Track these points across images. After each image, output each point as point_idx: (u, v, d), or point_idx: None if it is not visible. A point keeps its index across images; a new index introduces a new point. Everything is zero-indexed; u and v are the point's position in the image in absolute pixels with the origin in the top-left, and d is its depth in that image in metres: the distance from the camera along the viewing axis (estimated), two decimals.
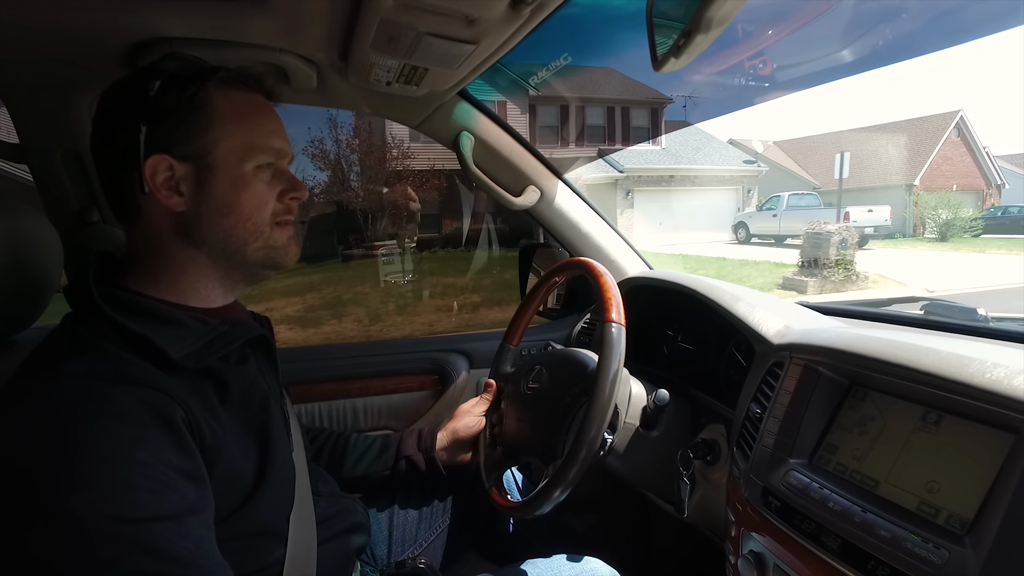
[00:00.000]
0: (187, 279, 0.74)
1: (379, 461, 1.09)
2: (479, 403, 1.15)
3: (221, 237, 0.73)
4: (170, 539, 0.55)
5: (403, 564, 0.98)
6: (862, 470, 0.69)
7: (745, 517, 0.80)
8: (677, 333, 1.30)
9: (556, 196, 1.51)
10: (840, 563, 0.64)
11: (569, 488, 0.85)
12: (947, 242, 17.39)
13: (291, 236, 0.80)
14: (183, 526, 0.57)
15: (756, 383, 0.89)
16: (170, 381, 0.63)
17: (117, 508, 0.54)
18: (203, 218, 0.72)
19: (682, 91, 19.51)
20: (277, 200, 0.77)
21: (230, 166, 0.72)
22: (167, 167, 0.70)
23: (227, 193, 0.73)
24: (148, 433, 0.58)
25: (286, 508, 0.76)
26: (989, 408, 0.59)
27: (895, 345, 0.70)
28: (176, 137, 0.70)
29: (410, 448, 1.10)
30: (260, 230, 0.75)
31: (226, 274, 0.77)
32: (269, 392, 0.78)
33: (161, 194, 0.70)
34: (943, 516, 0.59)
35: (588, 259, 1.03)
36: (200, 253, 0.74)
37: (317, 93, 1.23)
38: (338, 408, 1.49)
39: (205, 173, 0.71)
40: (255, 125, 0.75)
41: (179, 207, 0.71)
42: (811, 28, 14.45)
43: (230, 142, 0.72)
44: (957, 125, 23.43)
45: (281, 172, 0.78)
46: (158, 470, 0.57)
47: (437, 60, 1.01)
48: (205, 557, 0.58)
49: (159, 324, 0.67)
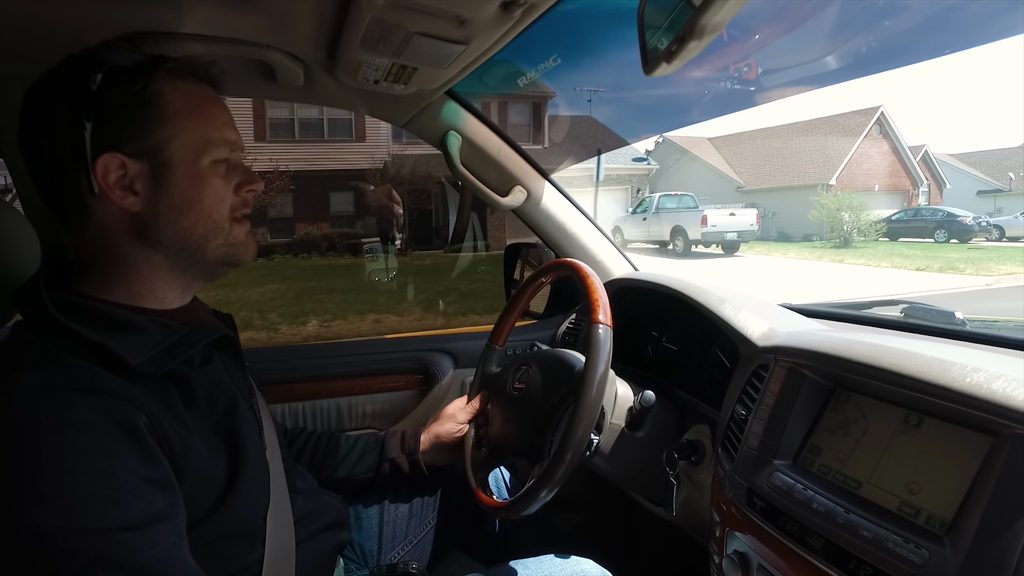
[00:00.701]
0: (142, 281, 0.72)
1: (362, 463, 1.08)
2: (464, 409, 1.13)
3: (180, 237, 0.71)
4: (137, 549, 0.54)
5: (394, 568, 0.98)
6: (845, 471, 0.70)
7: (730, 517, 0.81)
8: (662, 334, 1.31)
9: (543, 197, 1.51)
10: (823, 563, 0.65)
11: (556, 488, 0.85)
12: (848, 248, 16.92)
13: (249, 231, 0.78)
14: (151, 535, 0.55)
15: (741, 385, 0.90)
16: (131, 388, 0.61)
17: (80, 520, 0.52)
18: (161, 218, 0.70)
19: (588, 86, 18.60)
20: (234, 194, 0.75)
21: (187, 162, 0.70)
22: (119, 166, 0.67)
23: (186, 191, 0.70)
24: (110, 442, 0.57)
25: (262, 508, 0.75)
26: (968, 411, 0.60)
27: (878, 349, 0.72)
28: (127, 134, 0.67)
29: (393, 450, 1.09)
30: (220, 227, 0.73)
31: (183, 274, 0.75)
32: (237, 392, 0.77)
33: (115, 194, 0.67)
34: (923, 517, 0.61)
35: (575, 260, 1.03)
36: (156, 254, 0.71)
37: (304, 90, 1.22)
38: (322, 408, 1.47)
39: (162, 171, 0.69)
40: (208, 118, 0.73)
41: (135, 207, 0.68)
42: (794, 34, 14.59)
43: (185, 137, 0.70)
44: (878, 121, 22.90)
45: (236, 165, 0.76)
46: (122, 479, 0.56)
47: (426, 60, 1.00)
48: (175, 566, 0.56)
49: (116, 330, 0.65)
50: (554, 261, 1.14)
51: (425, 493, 1.14)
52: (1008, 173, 24.86)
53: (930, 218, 18.77)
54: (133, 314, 0.68)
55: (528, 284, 1.15)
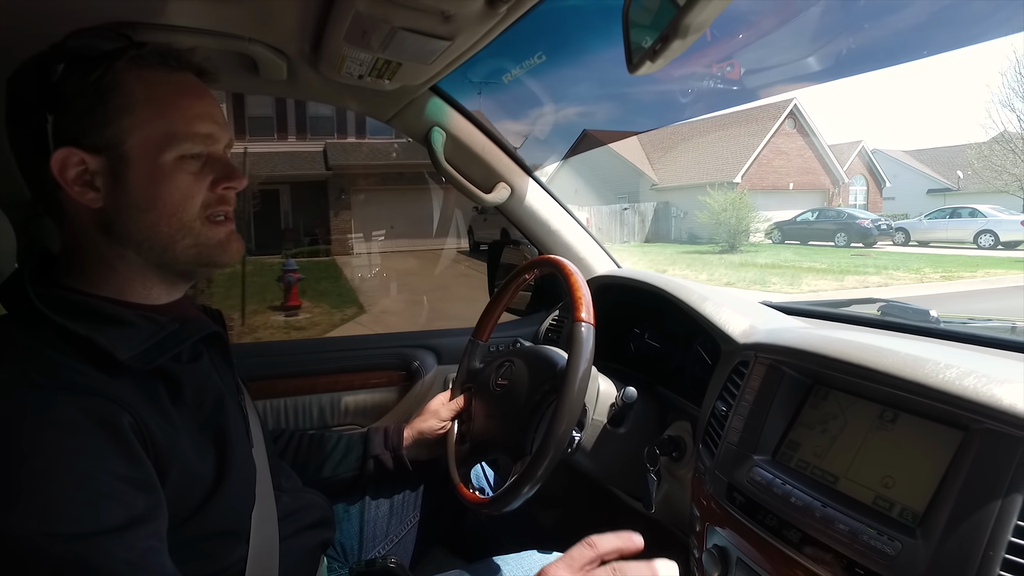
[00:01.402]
0: (120, 277, 0.70)
1: (346, 461, 1.08)
2: (446, 406, 1.13)
3: (146, 235, 0.68)
4: (111, 553, 0.52)
5: (373, 563, 0.98)
6: (822, 466, 0.72)
7: (710, 512, 0.82)
8: (644, 331, 1.32)
9: (527, 194, 1.51)
10: (800, 556, 0.66)
11: (537, 485, 0.85)
12: (734, 252, 16.49)
13: (231, 231, 0.74)
14: (128, 538, 0.54)
15: (722, 381, 0.91)
16: (116, 385, 0.60)
17: (52, 524, 0.51)
18: (123, 214, 0.67)
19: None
20: (209, 190, 0.71)
21: (147, 157, 0.66)
22: (78, 161, 0.65)
23: (146, 187, 0.67)
24: (90, 442, 0.55)
25: (247, 507, 0.74)
26: (941, 407, 0.62)
27: (856, 346, 0.73)
28: (85, 127, 0.65)
29: (377, 447, 1.08)
30: (188, 226, 0.70)
31: (161, 272, 0.72)
32: (224, 389, 0.75)
33: (73, 190, 0.65)
34: (897, 510, 0.62)
35: (559, 257, 1.03)
36: (127, 251, 0.69)
37: (287, 85, 1.21)
38: (304, 404, 1.46)
39: (120, 166, 0.66)
40: (175, 110, 0.68)
41: (96, 203, 0.66)
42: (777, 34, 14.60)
43: (145, 130, 0.66)
44: (792, 115, 21.94)
45: (214, 160, 0.72)
46: (101, 481, 0.54)
47: (411, 55, 1.00)
48: (151, 570, 0.55)
49: (104, 325, 0.63)
50: (538, 258, 1.14)
51: (408, 488, 1.14)
52: (957, 171, 24.33)
53: (832, 220, 18.21)
54: (121, 309, 0.67)
55: (512, 280, 1.16)
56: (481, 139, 1.43)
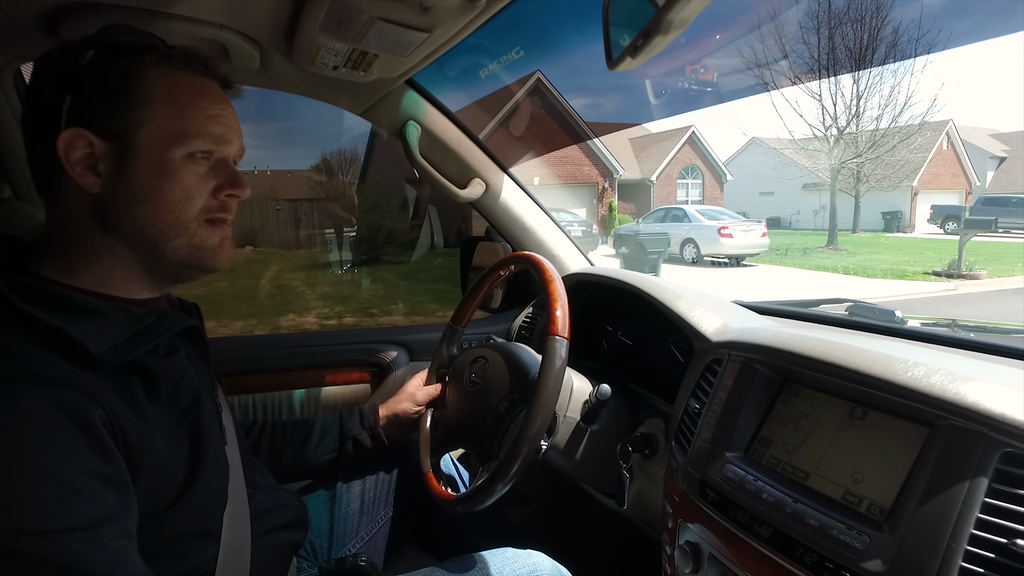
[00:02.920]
0: (104, 268, 0.68)
1: (323, 444, 1.06)
2: (423, 390, 1.13)
3: (138, 227, 0.67)
4: (83, 552, 0.51)
5: (343, 561, 0.96)
6: (793, 462, 0.73)
7: (682, 509, 0.83)
8: (617, 329, 1.33)
9: (501, 190, 1.51)
10: (771, 551, 0.67)
11: (503, 490, 0.85)
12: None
13: (225, 237, 0.73)
14: (99, 536, 0.52)
15: (695, 379, 0.92)
16: (89, 378, 0.58)
17: (20, 521, 0.49)
18: (118, 203, 0.66)
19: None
20: (211, 196, 0.70)
21: (155, 150, 0.66)
22: (86, 143, 0.64)
23: (147, 179, 0.66)
24: (60, 436, 0.53)
25: (220, 506, 0.72)
26: (908, 404, 0.63)
27: (827, 344, 0.74)
28: (101, 113, 0.65)
29: (354, 427, 1.07)
30: (184, 225, 0.69)
31: (148, 268, 0.70)
32: (201, 385, 0.74)
33: (75, 171, 0.64)
34: (865, 505, 0.64)
35: (543, 261, 1.01)
36: (117, 242, 0.68)
37: (259, 74, 1.18)
38: (273, 400, 1.44)
39: (126, 155, 0.66)
40: (192, 109, 0.69)
41: (94, 188, 0.65)
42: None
43: (159, 124, 0.66)
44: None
45: (221, 165, 0.71)
46: (71, 476, 0.52)
47: (388, 47, 0.99)
48: (123, 569, 0.53)
49: (77, 316, 0.61)
50: (523, 254, 1.11)
51: (383, 469, 1.13)
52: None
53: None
54: (96, 300, 0.65)
55: (492, 271, 1.15)
56: (456, 134, 1.42)
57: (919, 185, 21.38)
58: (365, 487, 1.12)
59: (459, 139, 1.42)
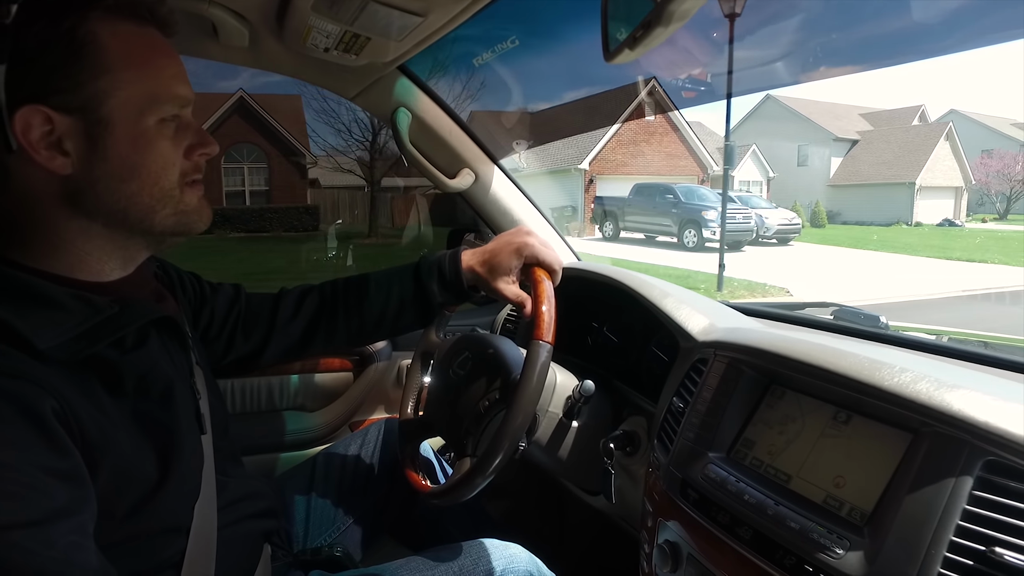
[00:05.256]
0: (75, 252, 0.64)
1: (402, 285, 1.00)
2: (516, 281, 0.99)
3: (123, 205, 0.63)
4: (32, 549, 0.48)
5: (319, 551, 0.95)
6: (776, 464, 0.72)
7: (663, 508, 0.83)
8: (602, 325, 1.32)
9: (491, 181, 1.49)
10: (751, 553, 0.67)
11: (479, 487, 0.84)
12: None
13: (202, 197, 0.71)
14: (49, 533, 0.49)
15: (680, 378, 0.92)
16: (41, 368, 0.54)
17: None
18: (98, 184, 0.62)
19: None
20: (184, 157, 0.67)
21: (129, 121, 0.61)
22: (43, 120, 0.58)
23: (128, 154, 0.62)
24: (8, 429, 0.50)
25: (192, 499, 0.69)
26: (893, 409, 0.63)
27: (814, 347, 0.74)
28: (54, 83, 0.58)
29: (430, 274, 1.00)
30: (169, 194, 0.66)
31: (125, 244, 0.67)
32: (175, 376, 0.70)
33: (40, 155, 0.58)
34: (846, 509, 0.63)
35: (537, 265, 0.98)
36: (93, 224, 0.63)
37: (247, 53, 1.15)
38: (252, 386, 1.42)
39: (97, 129, 0.60)
40: (155, 69, 0.63)
41: (64, 169, 0.60)
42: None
43: (127, 91, 0.61)
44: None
45: (187, 124, 0.68)
46: (21, 471, 0.49)
47: (381, 30, 0.97)
48: (76, 565, 0.50)
49: (28, 306, 0.57)
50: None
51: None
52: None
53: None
54: (55, 287, 0.60)
55: None
56: (448, 123, 1.40)
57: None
58: (343, 477, 1.11)
59: (450, 128, 1.41)
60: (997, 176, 25.91)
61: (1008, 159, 25.54)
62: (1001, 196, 26.51)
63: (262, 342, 0.97)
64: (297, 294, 1.01)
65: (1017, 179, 25.63)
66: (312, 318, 0.99)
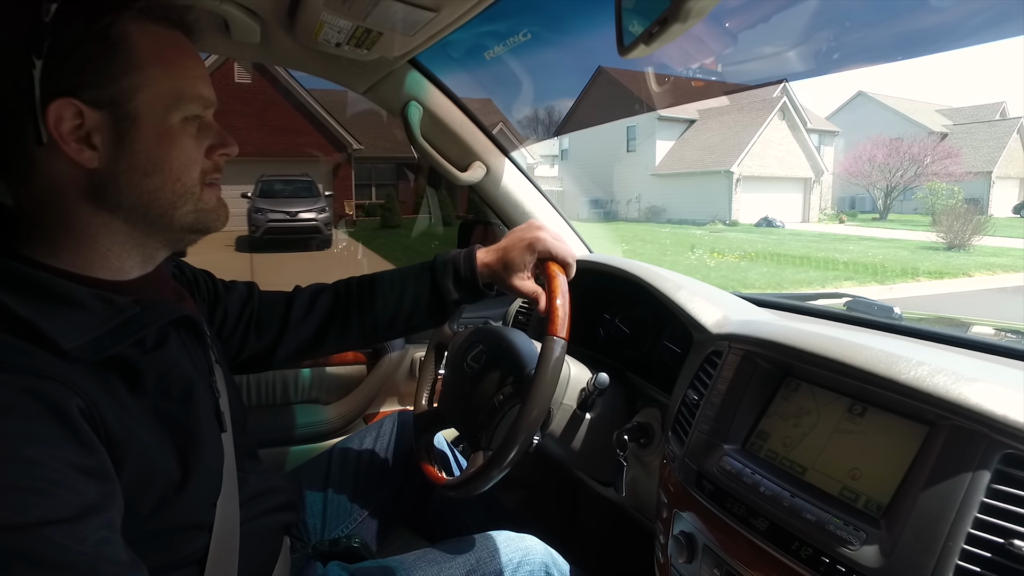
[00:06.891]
0: (96, 248, 0.65)
1: (417, 283, 0.99)
2: (530, 276, 0.98)
3: (145, 200, 0.65)
4: (63, 545, 0.49)
5: (336, 543, 0.96)
6: (791, 457, 0.73)
7: (678, 499, 0.83)
8: (615, 317, 1.32)
9: (503, 174, 1.49)
10: (768, 544, 0.67)
11: (495, 479, 0.85)
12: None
13: (220, 197, 0.73)
14: (80, 528, 0.50)
15: (694, 370, 0.92)
16: (65, 367, 0.55)
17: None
18: (122, 177, 0.63)
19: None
20: (205, 157, 0.69)
21: (155, 117, 0.64)
22: (75, 114, 0.60)
23: (152, 149, 0.64)
24: (37, 427, 0.51)
25: (213, 497, 0.70)
26: (909, 402, 0.64)
27: (829, 340, 0.74)
28: (86, 78, 0.60)
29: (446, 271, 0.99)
30: (190, 191, 0.68)
31: (145, 241, 0.68)
32: (195, 374, 0.71)
33: (70, 147, 0.60)
34: (862, 501, 0.64)
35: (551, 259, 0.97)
36: (115, 218, 0.65)
37: (259, 48, 1.16)
38: (267, 379, 1.43)
39: (125, 124, 0.62)
40: (182, 69, 0.66)
41: (91, 163, 0.61)
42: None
43: (155, 88, 0.63)
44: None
45: (208, 125, 0.70)
46: (50, 468, 0.50)
47: (393, 25, 0.97)
48: (107, 560, 0.51)
49: (52, 305, 0.58)
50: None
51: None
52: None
53: None
54: (77, 287, 0.61)
55: None
56: (459, 116, 1.40)
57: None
58: (359, 469, 1.12)
59: (461, 121, 1.40)
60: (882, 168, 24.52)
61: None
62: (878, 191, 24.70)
63: (274, 340, 0.97)
64: (310, 293, 1.02)
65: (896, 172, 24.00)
66: (325, 317, 1.00)
